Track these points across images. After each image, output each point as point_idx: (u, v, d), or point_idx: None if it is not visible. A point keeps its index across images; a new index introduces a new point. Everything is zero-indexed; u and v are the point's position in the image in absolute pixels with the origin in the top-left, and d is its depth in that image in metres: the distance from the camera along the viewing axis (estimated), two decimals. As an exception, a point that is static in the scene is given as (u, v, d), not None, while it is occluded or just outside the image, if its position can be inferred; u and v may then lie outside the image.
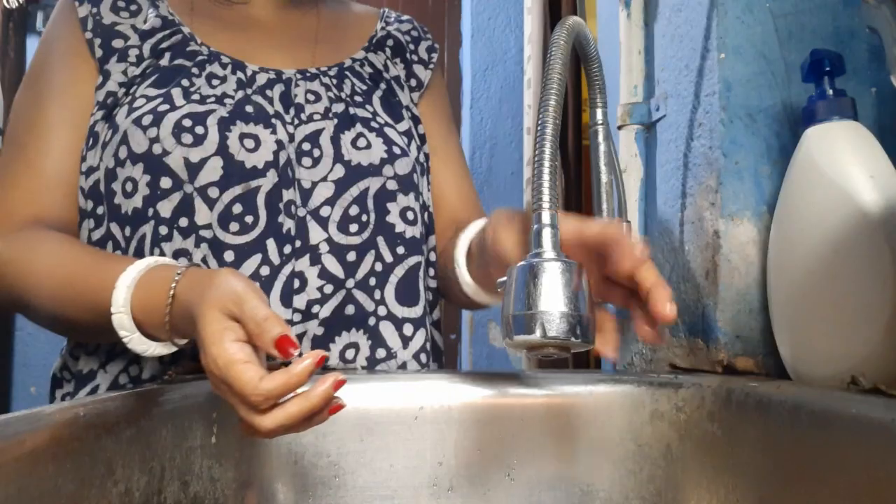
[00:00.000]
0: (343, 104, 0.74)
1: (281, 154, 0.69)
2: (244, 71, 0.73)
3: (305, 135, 0.71)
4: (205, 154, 0.67)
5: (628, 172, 0.78)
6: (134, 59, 0.72)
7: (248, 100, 0.71)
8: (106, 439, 0.44)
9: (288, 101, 0.72)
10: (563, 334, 0.41)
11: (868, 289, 0.52)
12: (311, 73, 0.76)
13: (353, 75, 0.78)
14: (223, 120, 0.68)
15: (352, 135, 0.72)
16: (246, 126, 0.68)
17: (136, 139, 0.67)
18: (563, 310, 0.41)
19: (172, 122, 0.66)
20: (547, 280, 0.42)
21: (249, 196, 0.67)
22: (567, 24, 0.54)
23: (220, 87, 0.71)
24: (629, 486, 0.61)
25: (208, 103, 0.69)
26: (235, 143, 0.67)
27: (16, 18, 2.29)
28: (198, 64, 0.72)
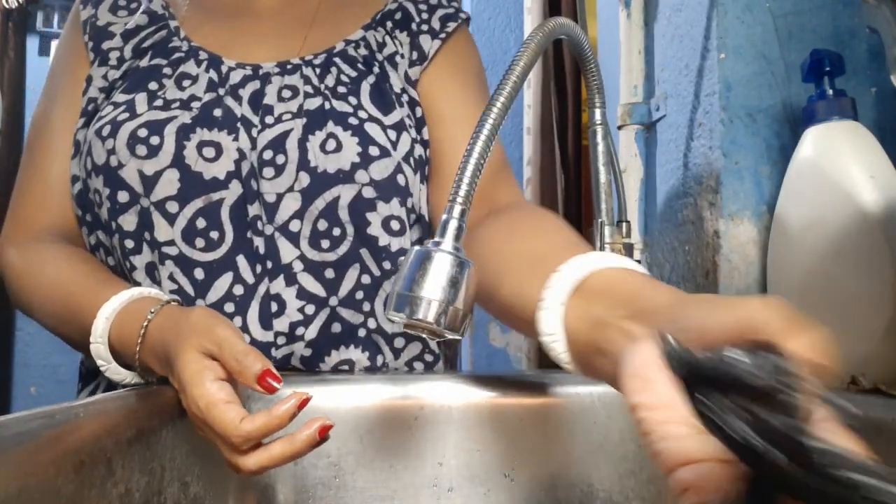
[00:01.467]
0: (321, 98, 0.67)
1: (243, 164, 0.64)
2: (219, 68, 0.69)
3: (269, 140, 0.65)
4: (159, 166, 0.63)
5: (628, 172, 0.78)
6: (115, 61, 0.70)
7: (217, 102, 0.66)
8: (106, 439, 0.44)
9: (257, 101, 0.67)
10: (430, 319, 0.45)
11: (868, 289, 0.52)
12: (293, 65, 0.69)
13: (343, 61, 0.71)
14: (183, 127, 0.64)
15: (322, 136, 0.65)
16: (209, 132, 0.64)
17: (97, 150, 0.65)
18: (437, 298, 0.45)
19: (128, 133, 0.64)
20: (434, 268, 0.45)
21: (212, 210, 0.63)
22: (547, 27, 0.54)
23: (190, 88, 0.67)
24: (629, 486, 0.60)
25: (171, 109, 0.65)
26: (192, 152, 0.63)
27: (16, 18, 2.29)
28: (172, 63, 0.69)
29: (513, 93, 0.49)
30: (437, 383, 0.62)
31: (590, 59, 0.65)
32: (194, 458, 0.53)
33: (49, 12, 2.30)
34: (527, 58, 0.51)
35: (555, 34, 0.55)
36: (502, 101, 0.48)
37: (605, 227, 0.69)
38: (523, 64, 0.50)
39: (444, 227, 0.46)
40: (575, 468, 0.61)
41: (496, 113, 0.48)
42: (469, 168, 0.46)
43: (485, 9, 2.15)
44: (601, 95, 0.68)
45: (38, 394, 2.33)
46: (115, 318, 0.56)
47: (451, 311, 0.45)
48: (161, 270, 0.63)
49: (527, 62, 0.51)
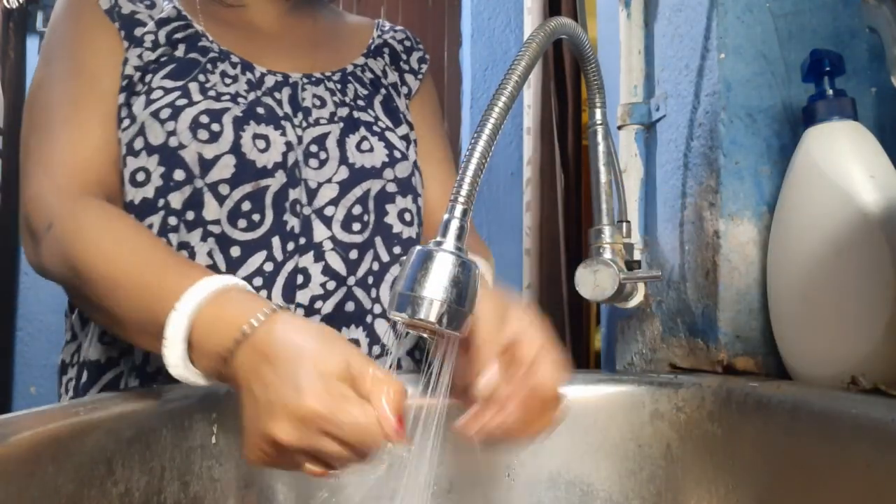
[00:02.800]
0: (347, 108, 0.77)
1: (289, 155, 0.71)
2: (253, 72, 0.75)
3: (313, 137, 0.73)
4: (219, 151, 0.68)
5: (628, 172, 0.78)
6: (150, 44, 0.73)
7: (258, 101, 0.72)
8: (106, 439, 0.44)
9: (296, 104, 0.75)
10: (432, 319, 0.44)
11: (868, 289, 0.52)
12: (316, 78, 0.78)
13: (355, 80, 0.81)
14: (237, 119, 0.69)
15: (356, 138, 0.75)
16: (258, 126, 0.70)
17: (154, 131, 0.68)
18: (439, 298, 0.44)
19: (190, 117, 0.68)
20: (436, 268, 0.45)
21: (258, 195, 0.69)
22: (549, 27, 0.54)
23: (233, 85, 0.72)
24: (629, 486, 0.60)
25: (223, 101, 0.70)
26: (248, 142, 0.69)
27: (16, 18, 2.29)
28: (210, 60, 0.73)
29: (514, 92, 0.49)
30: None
31: (590, 59, 0.65)
32: (194, 457, 0.53)
33: (49, 12, 2.30)
34: (528, 58, 0.51)
35: (556, 34, 0.55)
36: (503, 101, 0.48)
37: (606, 227, 0.69)
38: (525, 64, 0.50)
39: (446, 226, 0.46)
40: (575, 468, 0.61)
41: (497, 112, 0.48)
42: (471, 168, 0.46)
43: (485, 9, 2.15)
44: (601, 95, 0.68)
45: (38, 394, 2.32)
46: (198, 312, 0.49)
47: (453, 311, 0.45)
48: (199, 247, 0.67)
49: (528, 62, 0.51)
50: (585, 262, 0.68)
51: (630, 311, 0.79)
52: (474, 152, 0.47)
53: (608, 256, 0.68)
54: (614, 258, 0.68)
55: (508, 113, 0.49)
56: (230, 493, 0.55)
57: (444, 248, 0.45)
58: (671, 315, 0.72)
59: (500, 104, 0.48)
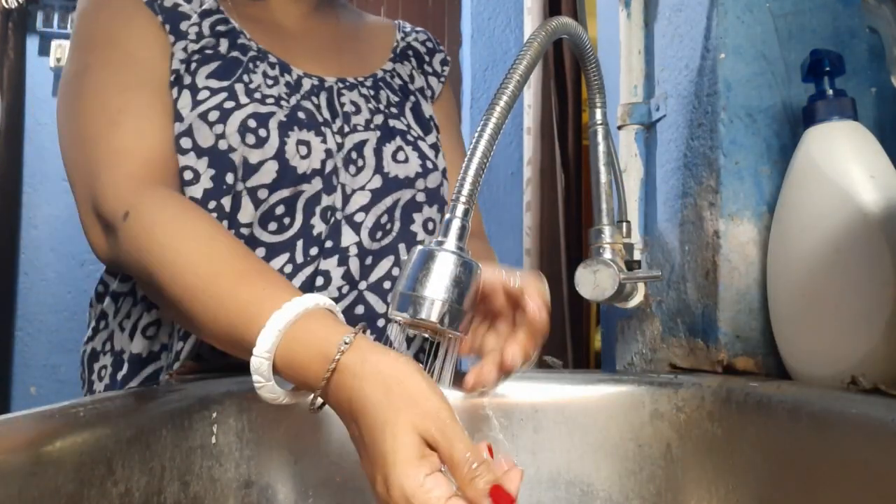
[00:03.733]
0: (382, 116, 0.77)
1: (328, 162, 0.71)
2: (290, 74, 0.75)
3: (353, 144, 0.74)
4: (264, 157, 0.68)
5: (628, 172, 0.78)
6: (194, 35, 0.71)
7: (299, 105, 0.72)
8: (106, 439, 0.44)
9: (334, 109, 0.75)
10: (433, 319, 0.45)
11: (868, 289, 0.52)
12: (350, 83, 0.78)
13: (385, 86, 0.81)
14: (282, 124, 0.69)
15: (392, 147, 0.76)
16: (300, 132, 0.70)
17: (203, 133, 0.67)
18: (440, 298, 0.45)
19: (238, 121, 0.67)
20: (437, 268, 0.45)
21: (292, 199, 0.70)
22: (550, 26, 0.54)
23: (275, 88, 0.72)
24: (629, 486, 0.60)
25: (268, 104, 0.70)
26: (292, 148, 0.69)
27: (15, 18, 2.29)
28: (251, 59, 0.73)
29: (515, 92, 0.49)
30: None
31: (591, 59, 0.65)
32: (194, 457, 0.53)
33: (49, 12, 2.30)
34: (529, 58, 0.51)
35: (557, 34, 0.55)
36: (505, 101, 0.48)
37: (606, 227, 0.69)
38: (526, 64, 0.50)
39: (448, 226, 0.46)
40: (575, 468, 0.61)
41: (499, 112, 0.48)
42: (472, 168, 0.46)
43: (485, 9, 2.15)
44: (602, 95, 0.68)
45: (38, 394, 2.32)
46: (288, 334, 0.48)
47: (455, 311, 0.45)
48: None
49: (529, 62, 0.51)
50: (585, 262, 0.68)
51: (630, 311, 0.79)
52: (476, 152, 0.47)
53: (608, 256, 0.68)
54: (614, 258, 0.68)
55: (510, 113, 0.49)
56: (230, 493, 0.55)
57: (445, 247, 0.46)
58: (671, 315, 0.72)
59: (501, 104, 0.48)
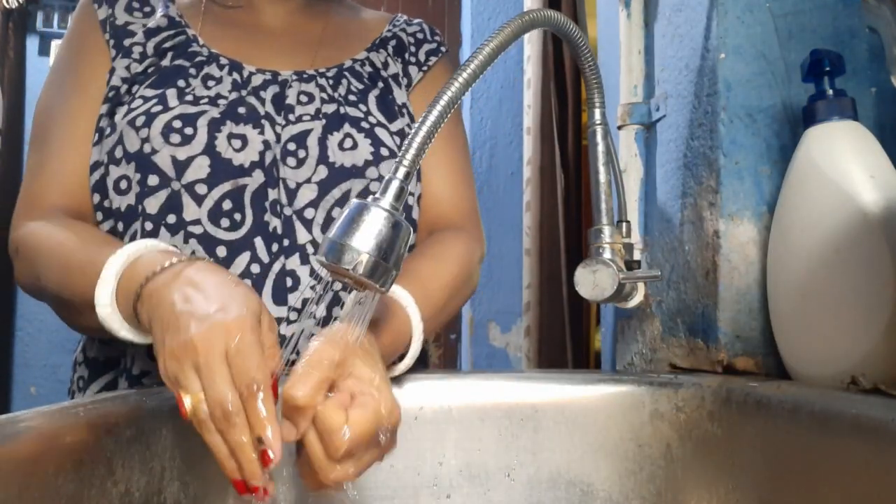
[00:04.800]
0: (335, 104, 0.75)
1: (267, 154, 0.70)
2: (241, 72, 0.74)
3: (292, 135, 0.72)
4: (192, 153, 0.68)
5: (628, 172, 0.78)
6: (137, 55, 0.74)
7: (241, 101, 0.72)
8: (106, 439, 0.44)
9: (280, 102, 0.74)
10: (356, 270, 0.46)
11: (868, 289, 0.52)
12: (308, 75, 0.77)
13: (351, 75, 0.79)
14: (213, 121, 0.69)
15: (339, 136, 0.73)
16: (236, 126, 0.70)
17: (130, 139, 0.69)
18: (365, 250, 0.46)
19: (163, 123, 0.68)
20: (367, 221, 0.47)
21: (237, 193, 0.69)
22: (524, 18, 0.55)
23: (215, 87, 0.72)
24: (629, 486, 0.60)
25: (201, 104, 0.70)
26: (223, 142, 0.69)
27: (15, 18, 2.29)
28: (196, 65, 0.73)
29: (476, 72, 0.51)
30: (436, 382, 0.62)
31: (587, 56, 0.65)
32: (194, 458, 0.53)
33: (49, 12, 2.30)
34: (498, 40, 0.52)
35: (536, 24, 0.56)
36: (464, 78, 0.50)
37: (605, 227, 0.69)
38: (493, 45, 0.52)
39: (387, 186, 0.48)
40: (575, 468, 0.61)
41: (457, 87, 0.50)
42: (420, 135, 0.49)
43: (485, 9, 2.15)
44: (601, 94, 0.68)
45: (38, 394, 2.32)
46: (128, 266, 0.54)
47: (377, 265, 0.46)
48: (183, 249, 0.67)
49: (498, 44, 0.52)
50: (585, 262, 0.68)
51: (630, 311, 0.79)
52: (426, 120, 0.49)
53: (608, 256, 0.68)
54: (614, 258, 0.68)
55: (467, 90, 0.50)
56: (230, 494, 0.55)
57: (379, 204, 0.47)
58: (671, 315, 0.72)
59: (460, 79, 0.50)
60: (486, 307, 2.04)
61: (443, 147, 0.82)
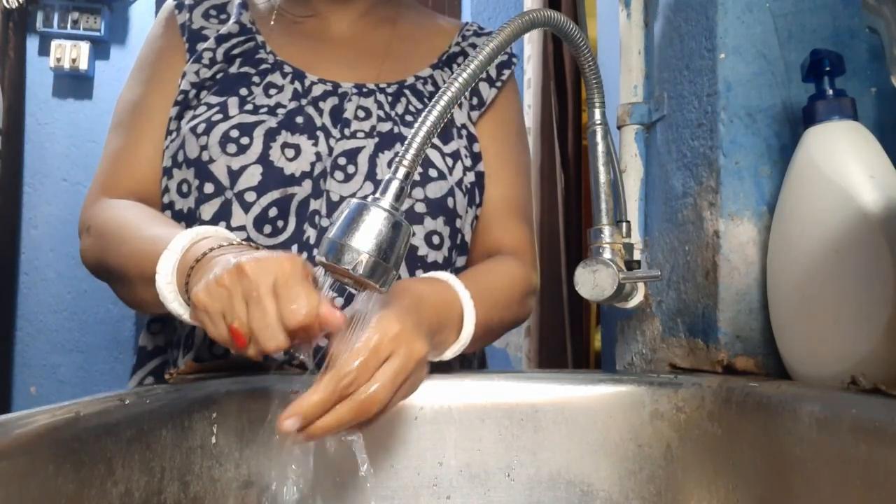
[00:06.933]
0: (391, 123, 0.75)
1: (317, 165, 0.71)
2: (303, 81, 0.76)
3: (344, 150, 0.73)
4: (246, 162, 0.70)
5: (628, 172, 0.78)
6: (207, 61, 0.76)
7: (299, 110, 0.73)
8: (106, 439, 0.44)
9: (338, 114, 0.75)
10: (355, 270, 0.46)
11: (868, 289, 0.52)
12: (368, 89, 0.77)
13: (412, 93, 0.79)
14: (269, 131, 0.71)
15: (390, 154, 0.73)
16: (291, 136, 0.71)
17: (191, 145, 0.72)
18: (364, 249, 0.46)
19: (221, 132, 0.71)
20: (367, 221, 0.47)
21: (284, 202, 0.70)
22: (524, 18, 0.55)
23: (276, 97, 0.74)
24: (629, 486, 0.60)
25: (260, 114, 0.72)
26: (277, 152, 0.70)
27: (16, 18, 2.29)
28: (260, 72, 0.76)
29: (476, 72, 0.51)
30: (437, 382, 0.62)
31: (587, 56, 0.65)
32: (194, 457, 0.53)
33: (49, 12, 2.30)
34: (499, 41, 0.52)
35: (536, 24, 0.56)
36: (464, 78, 0.51)
37: (605, 227, 0.69)
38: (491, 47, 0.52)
39: (387, 186, 0.48)
40: (575, 468, 0.61)
41: (456, 88, 0.50)
42: (420, 135, 0.49)
43: (485, 9, 2.15)
44: (601, 93, 0.68)
45: (38, 394, 2.32)
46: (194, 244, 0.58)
47: (377, 265, 0.47)
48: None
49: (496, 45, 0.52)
50: (585, 262, 0.68)
51: (630, 311, 0.79)
52: (426, 121, 0.49)
53: (608, 256, 0.68)
54: (614, 258, 0.68)
55: (468, 88, 0.50)
56: (230, 493, 0.55)
57: (379, 204, 0.47)
58: (671, 315, 0.72)
59: (460, 79, 0.50)
60: (486, 307, 2.04)
61: (496, 166, 0.81)
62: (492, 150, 0.81)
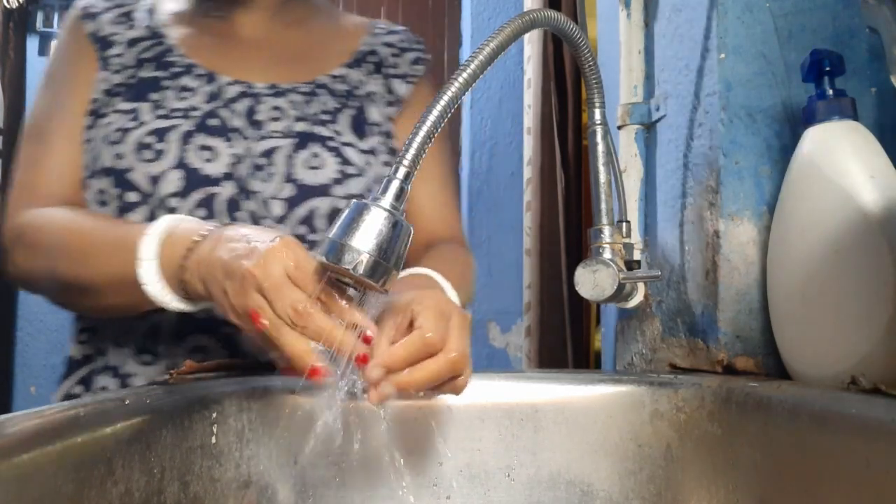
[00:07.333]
0: (306, 122, 0.75)
1: (238, 167, 0.72)
2: (215, 83, 0.76)
3: (262, 151, 0.73)
4: (165, 167, 0.70)
5: (628, 172, 0.78)
6: (118, 66, 0.76)
7: (213, 113, 0.73)
8: (106, 439, 0.44)
9: (251, 116, 0.75)
10: (356, 270, 0.47)
11: (868, 289, 0.52)
12: (282, 89, 0.77)
13: (326, 92, 0.79)
14: (185, 133, 0.71)
15: (306, 154, 0.74)
16: (206, 138, 0.72)
17: (105, 155, 0.72)
18: (365, 249, 0.46)
19: (135, 140, 0.71)
20: (367, 221, 0.47)
21: (209, 202, 0.71)
22: (524, 18, 0.55)
23: (190, 100, 0.74)
24: (629, 486, 0.61)
25: (173, 118, 0.72)
26: (193, 154, 0.71)
27: (16, 18, 2.29)
28: (172, 76, 0.75)
29: (476, 72, 0.51)
30: (437, 383, 0.62)
31: (587, 56, 0.65)
32: (194, 457, 0.53)
33: (49, 12, 2.30)
34: (499, 40, 0.52)
35: (536, 24, 0.56)
36: (464, 78, 0.51)
37: (605, 227, 0.69)
38: (494, 45, 0.52)
39: (387, 186, 0.48)
40: (575, 468, 0.61)
41: (458, 86, 0.50)
42: (420, 135, 0.49)
43: (485, 9, 2.15)
44: (600, 93, 0.68)
45: (38, 394, 2.32)
46: (165, 238, 0.58)
47: (377, 264, 0.47)
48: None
49: (498, 44, 0.52)
50: (585, 262, 0.68)
51: (630, 311, 0.79)
52: (426, 121, 0.48)
53: (608, 256, 0.68)
54: (614, 258, 0.68)
55: (468, 88, 0.50)
56: (230, 493, 0.55)
57: (379, 204, 0.47)
58: (671, 315, 0.72)
59: (459, 80, 0.50)
60: (486, 307, 2.04)
61: (431, 164, 0.81)
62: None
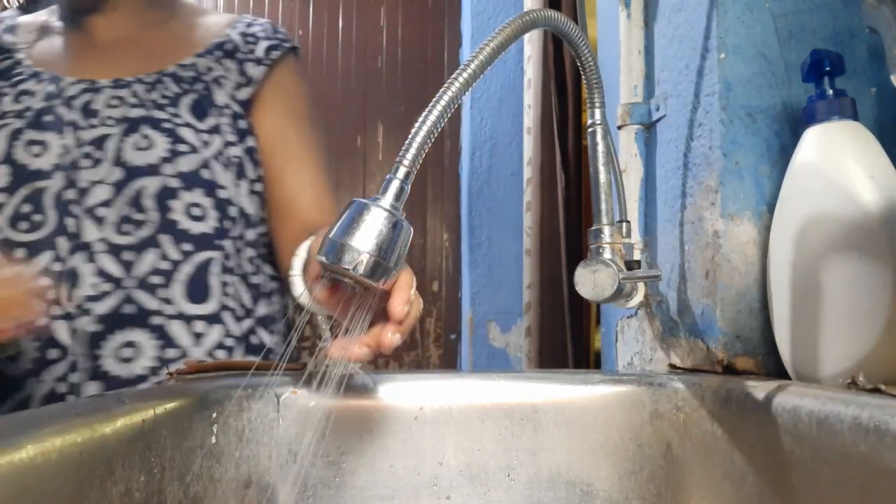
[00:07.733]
0: (142, 109, 0.77)
1: (67, 157, 0.74)
2: (58, 84, 0.78)
3: (91, 139, 0.75)
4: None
5: (628, 172, 0.78)
6: None
7: (48, 109, 0.76)
8: (106, 439, 0.44)
9: (88, 108, 0.77)
10: (355, 270, 0.47)
11: (868, 288, 0.52)
12: (126, 82, 0.79)
13: (171, 80, 0.80)
14: (14, 132, 0.74)
15: (136, 136, 0.75)
16: (37, 133, 0.74)
17: None
18: (365, 249, 0.47)
19: None
20: (367, 221, 0.47)
21: (35, 196, 0.73)
22: (524, 18, 0.55)
23: (26, 101, 0.76)
24: (629, 486, 0.61)
25: (6, 119, 0.75)
26: (20, 150, 0.73)
27: (16, 18, 2.29)
28: (12, 84, 0.78)
29: (476, 72, 0.51)
30: (437, 383, 0.62)
31: (587, 56, 0.65)
32: (194, 457, 0.53)
33: (49, 12, 2.31)
34: (499, 40, 0.52)
35: (536, 24, 0.56)
36: (465, 77, 0.50)
37: (605, 227, 0.69)
38: (494, 45, 0.52)
39: (387, 186, 0.48)
40: (575, 468, 0.61)
41: (456, 88, 0.50)
42: (420, 135, 0.49)
43: (485, 9, 2.15)
44: (600, 93, 0.68)
45: (38, 394, 2.32)
46: None
47: (377, 264, 0.47)
48: None
49: (498, 44, 0.52)
50: (585, 262, 0.68)
51: (630, 311, 0.79)
52: (427, 120, 0.48)
53: (608, 256, 0.68)
54: (614, 258, 0.68)
55: (468, 88, 0.50)
56: (230, 493, 0.55)
57: (380, 204, 0.47)
58: (671, 315, 0.72)
59: (460, 79, 0.50)
60: (486, 307, 2.04)
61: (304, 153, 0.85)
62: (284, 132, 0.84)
